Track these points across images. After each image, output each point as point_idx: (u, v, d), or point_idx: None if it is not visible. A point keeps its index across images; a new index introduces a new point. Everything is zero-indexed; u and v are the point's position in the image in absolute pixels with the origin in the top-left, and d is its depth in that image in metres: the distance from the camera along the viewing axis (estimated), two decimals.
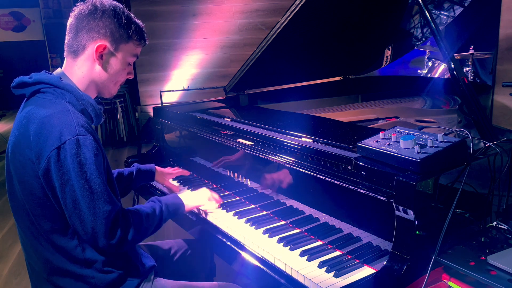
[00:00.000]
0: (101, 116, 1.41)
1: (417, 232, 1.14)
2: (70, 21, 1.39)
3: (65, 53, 1.41)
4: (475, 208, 1.39)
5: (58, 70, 1.41)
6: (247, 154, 1.75)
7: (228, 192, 1.85)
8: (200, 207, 1.67)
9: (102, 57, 1.38)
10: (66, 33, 1.39)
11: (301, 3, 1.90)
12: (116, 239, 1.25)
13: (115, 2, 1.41)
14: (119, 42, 1.39)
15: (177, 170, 2.04)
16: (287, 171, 1.57)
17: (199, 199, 1.65)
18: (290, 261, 1.29)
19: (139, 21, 1.45)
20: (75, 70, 1.39)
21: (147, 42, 1.48)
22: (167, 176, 1.98)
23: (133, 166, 1.89)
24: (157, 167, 1.95)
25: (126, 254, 1.40)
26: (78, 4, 1.38)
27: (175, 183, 2.03)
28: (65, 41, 1.40)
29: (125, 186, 1.85)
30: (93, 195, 1.22)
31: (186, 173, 2.06)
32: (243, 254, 1.43)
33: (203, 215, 1.68)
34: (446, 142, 1.24)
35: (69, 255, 1.31)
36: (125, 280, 1.38)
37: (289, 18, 1.97)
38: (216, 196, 1.70)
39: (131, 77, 1.49)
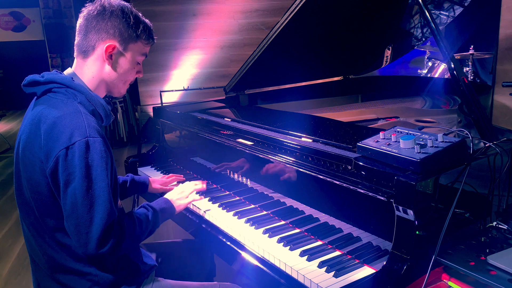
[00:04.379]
0: (111, 116, 1.42)
1: (417, 232, 1.14)
2: (79, 22, 1.39)
3: (75, 54, 1.42)
4: (475, 208, 1.39)
5: (69, 70, 1.42)
6: (247, 157, 1.74)
7: (228, 192, 1.85)
8: (192, 203, 1.68)
9: (111, 57, 1.39)
10: (76, 34, 1.40)
11: (301, 3, 1.90)
12: (106, 248, 1.23)
13: (123, 2, 1.42)
14: (128, 41, 1.40)
15: (171, 178, 1.98)
16: (287, 171, 1.57)
17: (188, 197, 1.64)
18: (290, 261, 1.29)
19: (147, 20, 1.46)
20: (85, 70, 1.40)
21: (155, 41, 1.49)
22: (162, 189, 1.92)
23: (127, 176, 1.86)
24: (150, 178, 1.91)
25: (128, 254, 1.40)
26: (87, 4, 1.39)
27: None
28: (75, 42, 1.41)
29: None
30: (94, 199, 1.21)
31: (180, 178, 2.00)
32: (243, 254, 1.43)
33: (194, 209, 1.69)
34: (446, 142, 1.24)
35: (73, 253, 1.31)
36: (127, 279, 1.38)
37: (289, 18, 1.97)
38: (198, 183, 1.73)
39: (141, 75, 1.50)
